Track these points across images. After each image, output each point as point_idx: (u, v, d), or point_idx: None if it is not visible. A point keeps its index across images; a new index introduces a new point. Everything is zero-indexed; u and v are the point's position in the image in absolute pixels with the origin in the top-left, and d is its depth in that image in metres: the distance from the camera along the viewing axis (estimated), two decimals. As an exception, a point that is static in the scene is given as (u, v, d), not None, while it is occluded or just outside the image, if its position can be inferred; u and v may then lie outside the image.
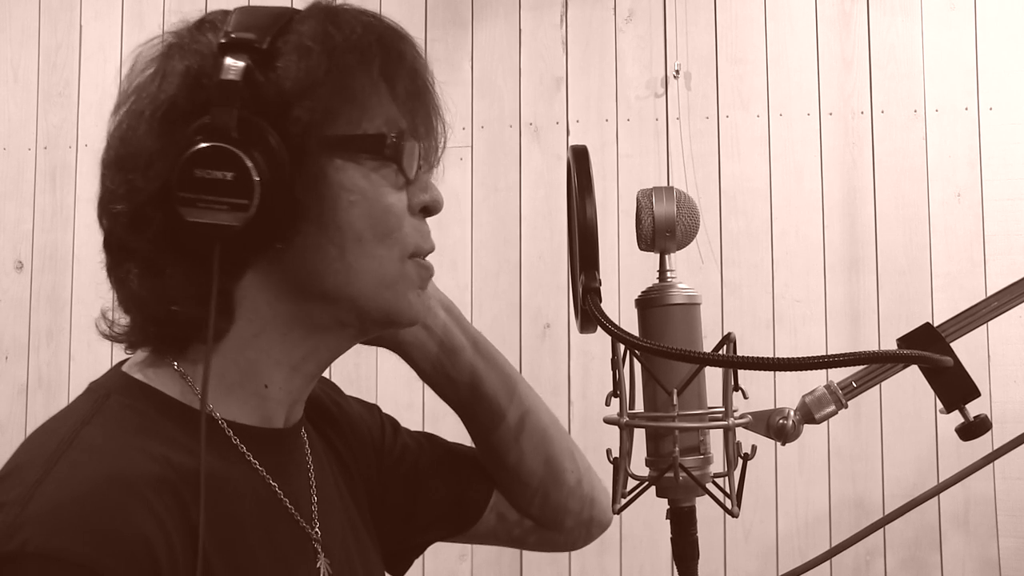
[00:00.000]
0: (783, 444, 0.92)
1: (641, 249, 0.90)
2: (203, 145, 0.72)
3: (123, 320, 0.79)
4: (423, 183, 0.82)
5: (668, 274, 0.88)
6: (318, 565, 0.82)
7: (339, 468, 0.94)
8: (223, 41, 0.74)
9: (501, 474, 1.01)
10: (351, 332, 0.82)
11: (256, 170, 0.71)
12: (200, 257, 0.73)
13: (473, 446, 1.03)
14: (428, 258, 0.84)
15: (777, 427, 0.92)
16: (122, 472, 0.69)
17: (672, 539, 0.86)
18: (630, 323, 0.88)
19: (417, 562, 1.03)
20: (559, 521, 1.04)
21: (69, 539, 0.63)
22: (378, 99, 0.77)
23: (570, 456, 1.02)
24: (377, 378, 2.36)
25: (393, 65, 0.78)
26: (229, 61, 0.73)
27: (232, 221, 0.72)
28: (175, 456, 0.72)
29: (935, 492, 0.95)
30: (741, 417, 0.86)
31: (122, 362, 0.82)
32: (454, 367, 0.96)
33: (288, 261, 0.76)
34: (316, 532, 0.83)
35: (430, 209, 0.82)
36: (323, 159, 0.75)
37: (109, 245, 0.77)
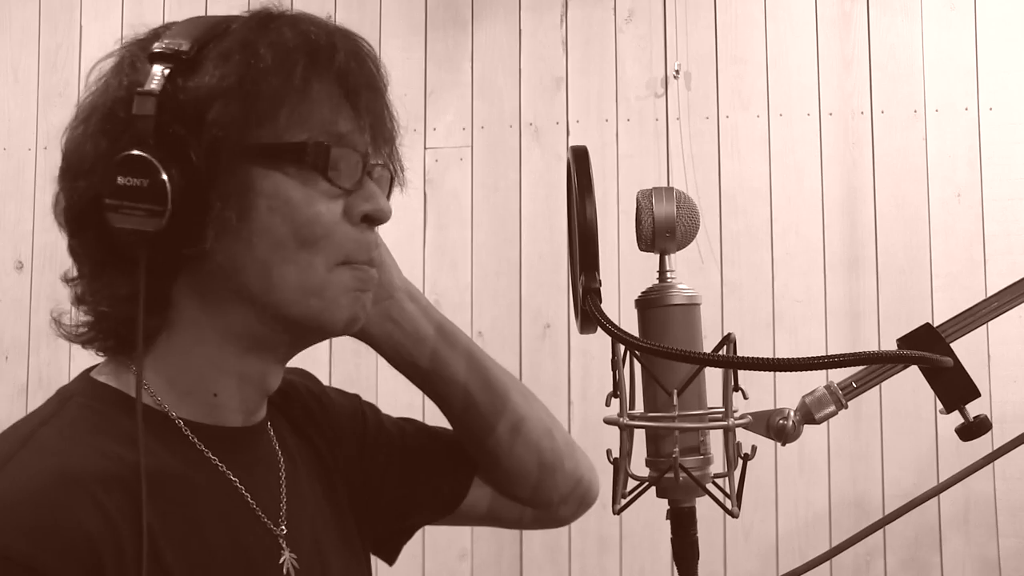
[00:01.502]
0: (783, 445, 0.92)
1: (641, 250, 0.90)
2: (124, 153, 0.74)
3: (81, 319, 0.81)
4: (366, 192, 0.81)
5: (668, 274, 0.88)
6: (281, 561, 0.82)
7: (315, 462, 0.94)
8: (153, 51, 0.76)
9: (481, 457, 1.01)
10: (285, 341, 0.82)
11: (169, 176, 0.73)
12: (132, 260, 0.75)
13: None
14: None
15: (777, 427, 0.92)
16: (70, 469, 0.70)
17: (672, 539, 0.86)
18: (630, 323, 0.88)
19: (417, 562, 1.03)
20: (544, 500, 1.03)
21: (10, 537, 0.65)
22: (307, 106, 0.77)
23: (548, 435, 1.02)
24: (377, 378, 2.36)
25: (321, 69, 0.78)
26: (153, 70, 0.75)
27: (149, 226, 0.73)
28: (130, 455, 0.73)
29: (935, 492, 0.95)
30: (741, 417, 0.86)
31: (91, 368, 0.83)
32: (422, 356, 0.96)
33: (213, 264, 0.77)
34: (282, 529, 0.83)
35: (372, 218, 0.81)
36: (244, 166, 0.76)
37: (69, 250, 0.81)
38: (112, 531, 0.69)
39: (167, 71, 0.75)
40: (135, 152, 0.73)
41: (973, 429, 0.90)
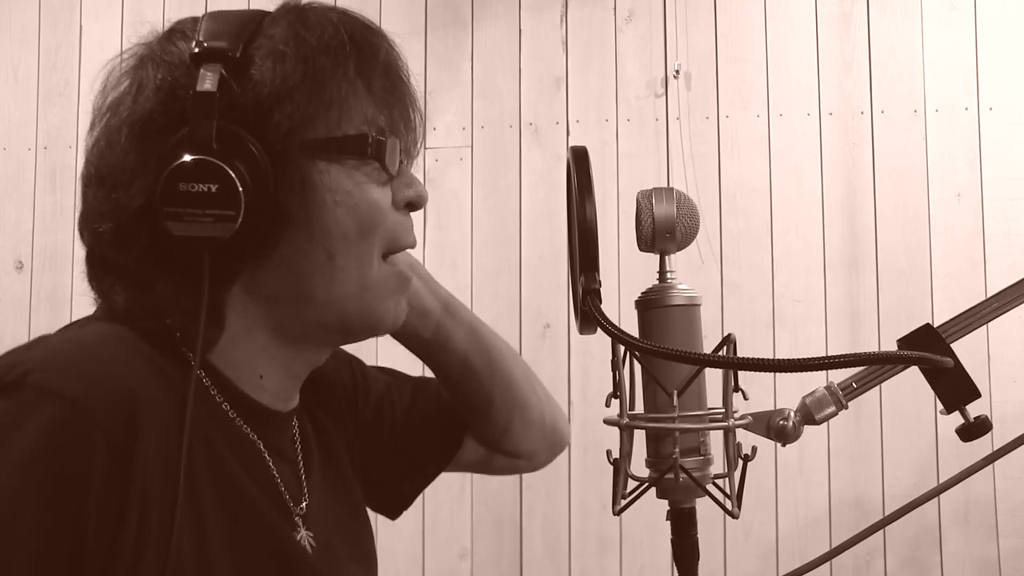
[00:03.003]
0: (783, 445, 0.92)
1: (641, 250, 0.90)
2: (185, 159, 0.72)
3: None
4: (406, 178, 0.83)
5: (668, 275, 0.88)
6: (299, 538, 0.83)
7: (326, 437, 0.95)
8: (195, 51, 0.74)
9: (470, 416, 1.05)
10: (335, 338, 0.85)
11: (240, 180, 0.72)
12: (189, 270, 0.74)
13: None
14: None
15: (777, 428, 0.91)
16: (125, 336, 0.74)
17: (672, 540, 0.86)
18: (630, 324, 0.88)
19: (417, 561, 1.03)
20: (524, 451, 1.09)
21: (64, 379, 0.68)
22: (355, 98, 0.78)
23: (532, 391, 1.07)
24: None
25: (367, 63, 0.79)
26: (203, 71, 0.73)
27: (220, 233, 0.72)
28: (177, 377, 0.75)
29: (935, 493, 0.95)
30: (741, 418, 0.86)
31: None
32: (425, 328, 0.99)
33: (276, 266, 0.77)
34: (301, 508, 0.85)
35: (414, 204, 0.84)
36: (305, 163, 0.76)
37: (91, 260, 0.79)
38: (153, 398, 0.71)
39: (219, 72, 0.73)
40: (199, 157, 0.72)
41: (973, 430, 0.89)
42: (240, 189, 0.72)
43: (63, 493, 0.65)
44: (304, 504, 0.85)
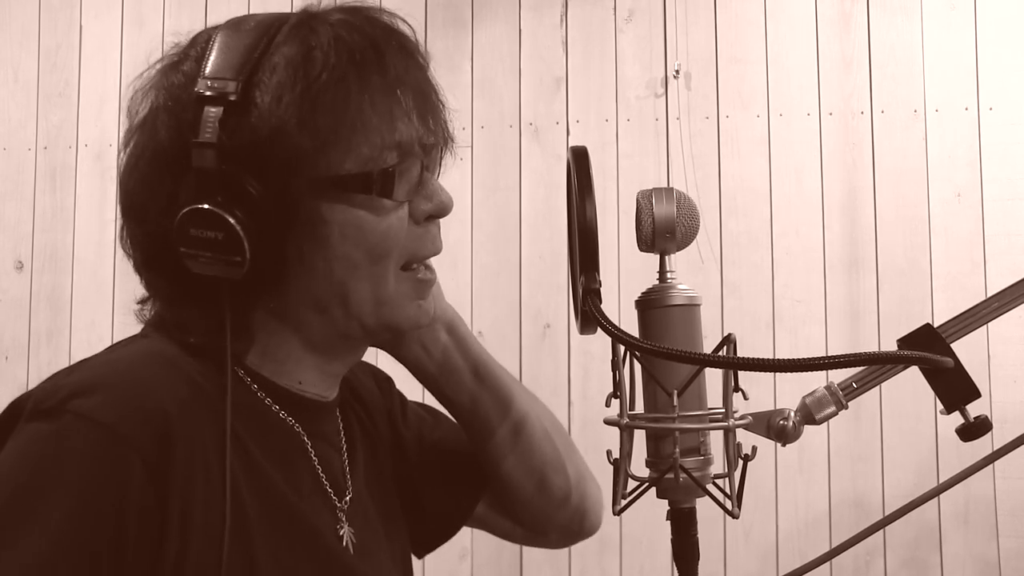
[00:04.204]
0: (783, 445, 0.92)
1: (641, 250, 0.90)
2: (192, 207, 0.74)
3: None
4: (427, 190, 0.82)
5: (668, 275, 0.88)
6: (341, 533, 0.84)
7: (371, 451, 0.96)
8: (199, 92, 0.75)
9: (492, 480, 1.02)
10: (361, 344, 0.87)
11: (243, 227, 0.73)
12: (212, 297, 0.77)
13: None
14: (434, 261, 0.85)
15: (777, 428, 0.91)
16: (164, 351, 0.78)
17: (672, 540, 0.86)
18: (630, 324, 0.88)
19: (417, 561, 1.03)
20: (543, 530, 1.05)
21: (98, 402, 0.70)
22: (363, 127, 0.77)
23: (562, 471, 1.02)
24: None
25: (374, 83, 0.77)
26: (205, 116, 0.74)
27: (231, 274, 0.75)
28: (214, 386, 0.77)
29: (935, 493, 0.95)
30: (741, 418, 0.86)
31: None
32: (450, 387, 0.97)
33: (295, 294, 0.79)
34: (345, 503, 0.86)
35: (436, 215, 0.83)
36: (310, 201, 0.76)
37: (144, 283, 0.83)
38: (188, 413, 0.73)
39: (219, 117, 0.74)
40: (204, 206, 0.73)
41: (973, 430, 0.89)
42: (243, 236, 0.73)
43: (103, 515, 0.68)
44: (348, 497, 0.86)
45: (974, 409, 0.90)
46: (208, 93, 0.74)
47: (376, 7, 0.84)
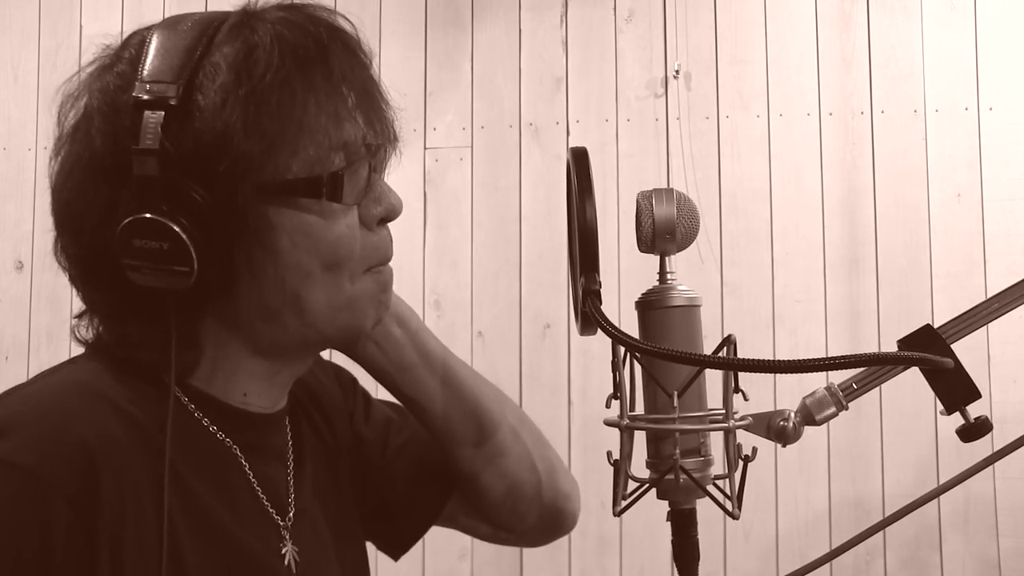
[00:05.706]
0: (784, 446, 0.92)
1: (641, 251, 0.90)
2: (135, 217, 0.71)
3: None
4: (376, 193, 0.80)
5: (668, 276, 0.88)
6: (283, 552, 0.82)
7: (324, 456, 0.93)
8: (137, 96, 0.72)
9: (459, 481, 1.00)
10: (316, 347, 0.84)
11: (188, 236, 0.71)
12: (157, 308, 0.74)
13: None
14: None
15: (778, 429, 0.92)
16: (92, 385, 0.74)
17: (673, 540, 0.86)
18: (630, 324, 0.88)
19: (417, 562, 1.03)
20: (516, 529, 1.03)
21: (18, 444, 0.68)
22: (308, 128, 0.74)
23: (531, 467, 1.00)
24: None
25: (318, 84, 0.75)
26: (145, 122, 0.71)
27: (178, 284, 0.72)
28: (142, 414, 0.74)
29: (935, 493, 0.95)
30: (742, 419, 0.86)
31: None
32: (407, 385, 0.94)
33: (245, 301, 0.76)
34: (288, 520, 0.83)
35: (387, 218, 0.81)
36: (258, 206, 0.73)
37: (82, 298, 0.80)
38: (113, 445, 0.70)
39: (160, 123, 0.70)
40: (147, 216, 0.71)
41: (974, 430, 0.89)
42: (190, 245, 0.71)
43: (27, 562, 0.66)
44: (291, 514, 0.84)
45: (974, 410, 0.90)
46: (146, 97, 0.71)
47: (316, 4, 0.81)
